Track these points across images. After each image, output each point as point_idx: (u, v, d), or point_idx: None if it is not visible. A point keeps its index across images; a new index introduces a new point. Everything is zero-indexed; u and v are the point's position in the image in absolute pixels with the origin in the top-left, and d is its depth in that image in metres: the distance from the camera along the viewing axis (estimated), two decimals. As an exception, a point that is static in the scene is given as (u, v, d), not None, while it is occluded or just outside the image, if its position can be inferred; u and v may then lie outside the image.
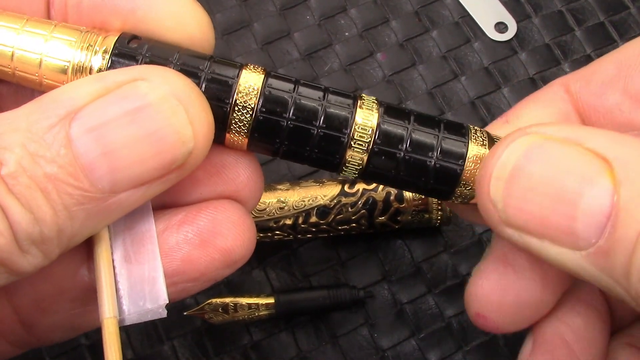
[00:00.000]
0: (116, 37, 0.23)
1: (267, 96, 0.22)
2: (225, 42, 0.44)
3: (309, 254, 0.39)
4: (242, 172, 0.24)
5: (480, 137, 0.24)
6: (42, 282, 0.23)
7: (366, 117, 0.23)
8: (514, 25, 0.45)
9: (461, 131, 0.24)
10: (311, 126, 0.23)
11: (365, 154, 0.23)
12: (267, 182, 0.41)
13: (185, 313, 0.37)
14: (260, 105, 0.22)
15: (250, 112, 0.22)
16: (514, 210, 0.21)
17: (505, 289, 0.25)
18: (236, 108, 0.22)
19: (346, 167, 0.24)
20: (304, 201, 0.37)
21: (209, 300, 0.37)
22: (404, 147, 0.23)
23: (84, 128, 0.20)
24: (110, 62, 0.22)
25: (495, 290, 0.25)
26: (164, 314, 0.22)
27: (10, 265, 0.19)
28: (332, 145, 0.23)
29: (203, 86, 0.22)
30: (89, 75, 0.22)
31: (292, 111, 0.23)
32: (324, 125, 0.23)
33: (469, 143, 0.23)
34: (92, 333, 0.37)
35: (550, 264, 0.21)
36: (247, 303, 0.37)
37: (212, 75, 0.22)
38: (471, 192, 0.24)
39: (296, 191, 0.37)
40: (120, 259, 0.22)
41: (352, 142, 0.23)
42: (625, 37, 0.45)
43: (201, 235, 0.23)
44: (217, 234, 0.23)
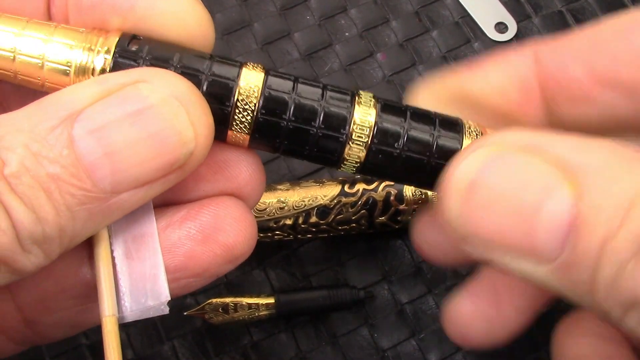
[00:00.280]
0: (117, 38, 0.23)
1: (267, 97, 0.23)
2: (226, 42, 0.44)
3: (309, 254, 0.39)
4: (244, 170, 0.24)
5: (475, 132, 0.24)
6: (45, 280, 0.23)
7: (364, 114, 0.23)
8: (514, 25, 0.45)
9: (455, 127, 0.24)
10: (310, 127, 0.23)
11: (363, 151, 0.23)
12: (267, 182, 0.41)
13: (185, 313, 0.37)
14: (260, 106, 0.23)
15: (251, 114, 0.23)
16: (473, 226, 0.21)
17: (437, 231, 0.26)
18: (237, 110, 0.22)
19: (345, 163, 0.24)
20: (304, 201, 0.37)
21: (209, 300, 0.37)
22: (401, 143, 0.23)
23: (86, 129, 0.20)
24: (112, 63, 0.22)
25: (427, 231, 0.27)
26: (165, 310, 0.22)
27: (12, 264, 0.19)
28: (330, 144, 0.23)
29: (204, 87, 0.22)
30: (91, 77, 0.22)
31: (291, 111, 0.23)
32: (323, 126, 0.23)
33: (463, 139, 0.24)
34: (92, 333, 0.37)
35: (515, 278, 0.21)
36: (247, 303, 0.37)
37: (213, 78, 0.22)
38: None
39: (296, 191, 0.37)
40: (121, 257, 0.22)
41: (350, 140, 0.23)
42: (625, 37, 0.45)
43: (203, 231, 0.23)
44: (219, 230, 0.23)
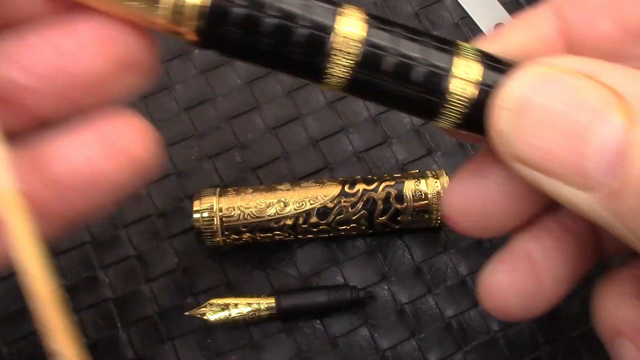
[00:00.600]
0: None
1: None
2: (226, 43, 0.44)
3: (309, 254, 0.39)
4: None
5: (471, 52, 0.22)
6: None
7: (352, 26, 0.21)
8: (513, 26, 0.45)
9: (448, 43, 0.22)
10: (293, 25, 0.21)
11: (352, 64, 0.22)
12: (267, 182, 0.41)
13: (185, 313, 0.37)
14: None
15: None
16: (522, 144, 0.20)
17: (473, 198, 0.24)
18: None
19: (330, 74, 0.22)
20: (304, 201, 0.37)
21: (209, 300, 0.37)
22: (392, 57, 0.22)
23: None
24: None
25: (463, 197, 0.24)
26: None
27: None
28: (315, 47, 0.21)
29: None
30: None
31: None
32: (308, 24, 0.21)
33: (455, 57, 0.22)
34: (92, 333, 0.37)
35: (564, 206, 0.20)
36: (247, 303, 0.37)
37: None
38: (457, 115, 0.22)
39: (296, 191, 0.37)
40: None
41: (335, 51, 0.21)
42: (624, 38, 0.45)
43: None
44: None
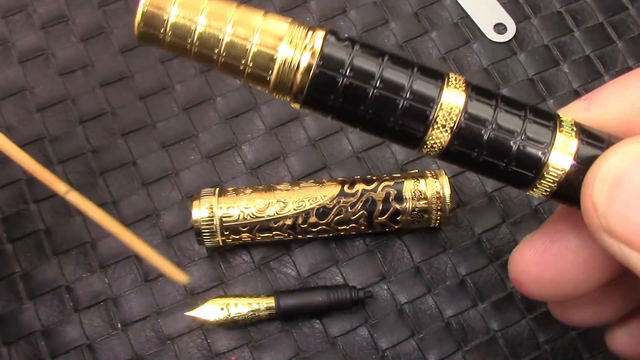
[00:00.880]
0: (323, 35, 0.23)
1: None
2: (226, 43, 0.44)
3: (309, 254, 0.39)
4: None
5: (570, 127, 0.23)
6: None
7: (453, 96, 0.22)
8: (513, 26, 0.45)
9: (547, 118, 0.23)
10: (397, 97, 0.22)
11: (448, 134, 0.23)
12: (267, 183, 0.41)
13: (185, 313, 0.37)
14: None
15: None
16: (615, 217, 0.20)
17: (546, 264, 0.24)
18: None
19: (427, 145, 0.23)
20: (303, 201, 0.37)
21: (209, 301, 0.37)
22: (489, 129, 0.22)
23: None
24: (319, 61, 0.22)
25: (535, 263, 0.25)
26: None
27: None
28: (416, 119, 0.23)
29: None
30: (297, 68, 0.22)
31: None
32: (411, 97, 0.22)
33: (556, 132, 0.23)
34: (91, 333, 0.37)
35: None
36: (247, 303, 0.37)
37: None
38: (552, 186, 0.23)
39: (296, 191, 0.37)
40: None
41: (436, 121, 0.22)
42: (624, 37, 0.45)
43: None
44: None
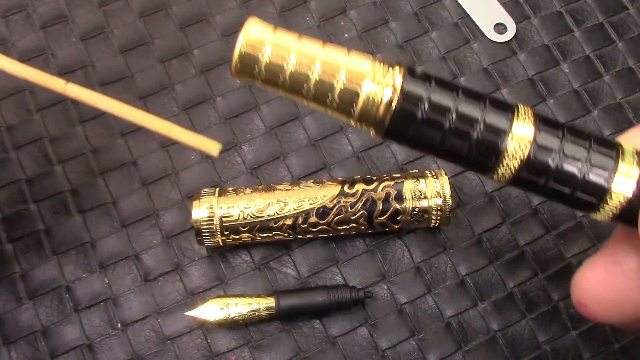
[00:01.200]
0: (403, 71, 0.24)
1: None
2: (225, 43, 0.44)
3: (309, 254, 0.39)
4: None
5: (631, 156, 0.25)
6: None
7: (522, 128, 0.24)
8: (513, 26, 0.45)
9: (610, 148, 0.25)
10: (472, 131, 0.24)
11: (518, 164, 0.24)
12: (267, 183, 0.41)
13: (185, 313, 0.37)
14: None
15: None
16: None
17: (609, 285, 0.25)
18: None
19: (498, 173, 0.25)
20: (303, 201, 0.37)
21: (209, 300, 0.37)
22: (556, 159, 0.24)
23: None
24: (400, 97, 0.24)
25: (599, 284, 0.25)
26: None
27: None
28: (489, 151, 0.25)
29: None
30: (379, 104, 0.24)
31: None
32: (484, 130, 0.24)
33: (619, 161, 0.24)
34: (91, 333, 0.37)
35: None
36: (247, 303, 0.37)
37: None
38: (615, 211, 0.24)
39: (296, 191, 0.37)
40: None
41: (507, 152, 0.24)
42: (624, 37, 0.45)
43: None
44: None
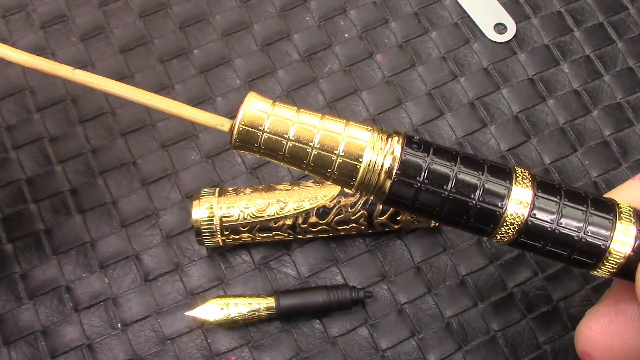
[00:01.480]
0: (402, 141, 0.25)
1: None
2: (225, 43, 0.44)
3: (309, 254, 0.39)
4: None
5: (628, 215, 0.25)
6: None
7: (521, 193, 0.25)
8: (513, 26, 0.45)
9: (607, 209, 0.26)
10: (470, 199, 0.25)
11: (516, 229, 0.26)
12: (267, 183, 0.41)
13: (185, 313, 0.37)
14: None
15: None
16: None
17: (613, 334, 0.26)
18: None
19: (496, 238, 0.26)
20: (303, 201, 0.37)
21: (209, 301, 0.37)
22: (554, 224, 0.25)
23: None
24: (399, 164, 0.25)
25: (603, 334, 0.26)
26: None
27: None
28: (487, 218, 0.26)
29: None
30: (381, 173, 0.25)
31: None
32: (482, 199, 0.25)
33: (616, 221, 0.25)
34: (91, 333, 0.37)
35: None
36: (247, 303, 0.37)
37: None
38: (613, 269, 0.25)
39: (296, 191, 0.37)
40: None
41: (505, 219, 0.25)
42: (624, 37, 0.45)
43: None
44: None
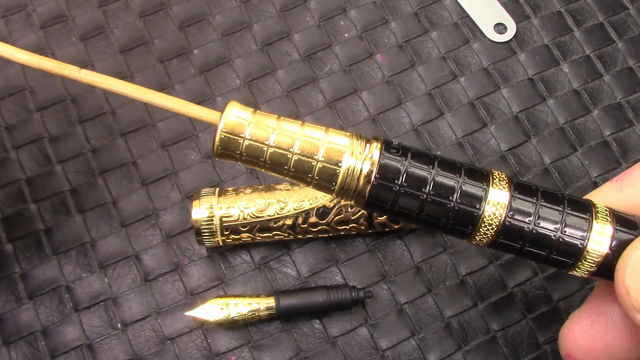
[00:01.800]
0: (380, 146, 0.25)
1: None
2: (225, 43, 0.44)
3: (309, 254, 0.39)
4: None
5: (604, 215, 0.26)
6: None
7: (498, 195, 0.26)
8: (513, 26, 0.45)
9: (584, 209, 0.26)
10: (448, 201, 0.26)
11: (494, 230, 0.26)
12: (267, 183, 0.41)
13: (185, 313, 0.37)
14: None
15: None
16: None
17: (595, 336, 0.27)
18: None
19: (475, 239, 0.26)
20: (303, 201, 0.37)
21: (209, 300, 0.37)
22: (531, 225, 0.26)
23: None
24: (378, 168, 0.25)
25: (585, 336, 0.27)
26: None
27: None
28: (465, 220, 0.26)
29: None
30: (361, 178, 0.25)
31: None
32: (460, 201, 0.26)
33: (592, 221, 0.26)
34: (91, 333, 0.37)
35: None
36: (247, 303, 0.37)
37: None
38: (591, 268, 0.26)
39: (296, 191, 0.37)
40: None
41: (483, 220, 0.26)
42: (624, 37, 0.45)
43: None
44: None
